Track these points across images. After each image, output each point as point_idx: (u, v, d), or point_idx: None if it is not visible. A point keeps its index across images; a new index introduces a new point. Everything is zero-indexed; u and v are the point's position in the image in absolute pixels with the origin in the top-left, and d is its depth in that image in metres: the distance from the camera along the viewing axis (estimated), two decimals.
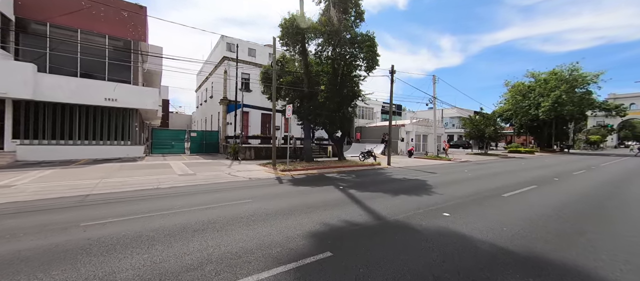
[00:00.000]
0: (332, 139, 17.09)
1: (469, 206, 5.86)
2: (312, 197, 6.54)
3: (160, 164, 13.16)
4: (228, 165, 13.42)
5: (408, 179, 10.09)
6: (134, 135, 17.08)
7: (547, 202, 6.47)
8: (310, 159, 15.55)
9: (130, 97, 15.98)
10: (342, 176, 10.76)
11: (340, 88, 14.35)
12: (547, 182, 9.84)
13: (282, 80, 15.81)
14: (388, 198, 6.48)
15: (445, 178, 10.33)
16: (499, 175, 11.77)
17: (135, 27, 16.94)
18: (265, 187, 7.93)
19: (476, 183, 9.11)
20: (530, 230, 4.37)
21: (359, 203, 5.94)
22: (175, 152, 19.17)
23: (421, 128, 30.62)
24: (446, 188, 8.01)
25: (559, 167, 15.80)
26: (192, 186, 7.95)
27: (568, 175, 12.20)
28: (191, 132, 20.55)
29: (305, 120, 15.86)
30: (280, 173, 11.16)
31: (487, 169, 14.29)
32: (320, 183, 8.73)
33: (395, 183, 9.18)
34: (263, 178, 9.89)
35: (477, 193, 7.39)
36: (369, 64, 13.43)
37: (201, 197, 6.42)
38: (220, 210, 5.25)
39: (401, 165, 16.27)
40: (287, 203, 5.92)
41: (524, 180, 10.21)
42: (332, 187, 8.00)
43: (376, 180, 9.70)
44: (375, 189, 7.75)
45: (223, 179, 9.32)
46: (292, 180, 9.58)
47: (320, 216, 4.91)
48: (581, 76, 37.64)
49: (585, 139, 56.49)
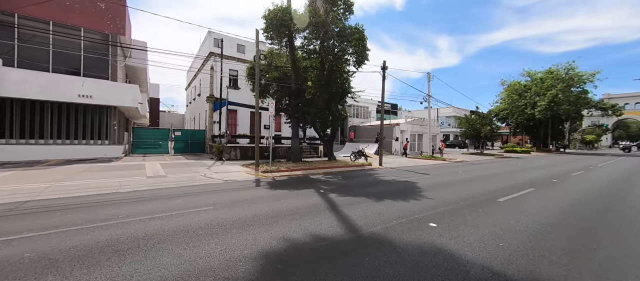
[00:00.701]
0: (321, 138, 16.34)
1: (460, 214, 5.14)
2: (285, 203, 5.77)
3: (135, 165, 12.30)
4: (208, 166, 12.60)
5: (397, 181, 9.36)
6: (112, 134, 16.16)
7: (547, 208, 5.77)
8: (298, 159, 14.77)
9: (107, 93, 15.07)
10: (328, 178, 10.01)
11: (329, 85, 13.59)
12: (545, 184, 9.18)
13: (268, 75, 15.02)
14: (370, 204, 5.74)
15: (437, 180, 9.62)
16: (494, 176, 11.11)
17: (113, 20, 16.02)
18: (237, 191, 7.15)
19: (470, 186, 8.41)
20: (532, 246, 3.65)
21: (335, 211, 5.19)
22: (158, 152, 18.29)
23: (416, 128, 30.00)
24: (437, 192, 7.30)
25: (556, 168, 15.21)
26: (156, 190, 7.14)
27: (566, 176, 11.57)
28: (175, 132, 19.65)
29: (293, 119, 15.09)
30: (261, 174, 10.38)
31: (483, 170, 13.64)
32: (301, 186, 7.97)
33: (382, 185, 8.45)
34: (240, 180, 9.11)
35: (471, 197, 6.68)
36: (358, 59, 12.69)
37: (157, 204, 5.62)
38: (168, 220, 4.47)
39: (393, 165, 15.57)
40: (253, 211, 5.15)
41: (520, 182, 9.55)
42: (312, 191, 7.24)
43: (363, 182, 8.97)
44: (359, 193, 7.01)
45: (196, 182, 8.52)
46: (272, 182, 8.80)
47: (285, 228, 4.15)
48: (577, 75, 37.32)
49: (580, 139, 56.42)
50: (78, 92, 14.17)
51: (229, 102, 20.78)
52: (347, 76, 14.28)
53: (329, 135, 16.24)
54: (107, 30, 15.85)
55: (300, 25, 11.95)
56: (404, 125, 28.58)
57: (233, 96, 21.04)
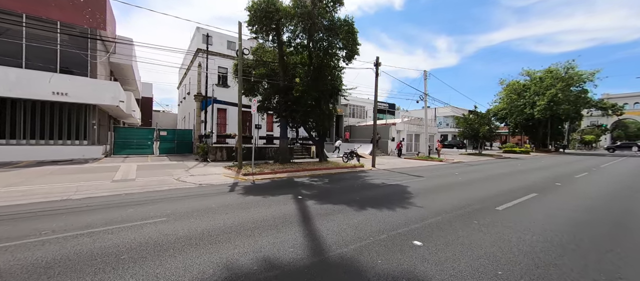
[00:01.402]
0: (311, 138, 15.57)
1: (451, 227, 4.38)
2: (252, 213, 5.00)
3: (109, 167, 11.49)
4: (189, 168, 11.82)
5: (387, 185, 8.60)
6: (91, 134, 15.34)
7: (554, 219, 5.02)
8: (286, 161, 14.00)
9: (85, 91, 14.24)
10: (313, 181, 9.24)
11: (318, 81, 12.81)
12: (549, 187, 8.44)
13: (255, 72, 14.24)
14: (349, 214, 4.97)
15: (431, 184, 8.87)
16: (493, 179, 10.36)
17: (92, 14, 15.16)
18: (205, 198, 6.37)
19: (466, 191, 7.66)
20: (539, 275, 2.89)
21: (306, 224, 4.42)
22: (143, 152, 17.46)
23: (413, 127, 29.28)
24: (428, 198, 6.54)
25: (558, 169, 14.50)
26: (113, 196, 6.35)
27: (570, 178, 10.84)
28: (161, 131, 18.83)
29: (281, 118, 14.32)
30: (241, 177, 9.60)
31: (481, 171, 12.90)
32: (279, 192, 7.20)
33: (370, 190, 7.68)
34: (216, 184, 8.33)
35: (466, 205, 5.92)
36: (348, 53, 11.92)
37: (102, 214, 4.84)
38: (99, 238, 3.69)
39: (387, 166, 14.82)
40: (210, 223, 4.38)
41: (521, 185, 8.80)
42: (290, 197, 6.47)
43: (349, 186, 8.20)
44: (341, 199, 6.24)
45: (165, 186, 7.73)
46: (250, 186, 8.03)
47: (235, 249, 3.38)
48: (577, 74, 36.70)
49: (579, 139, 55.87)
50: (52, 89, 13.35)
51: (218, 101, 20.01)
52: (338, 73, 13.52)
53: (320, 135, 15.47)
54: (85, 25, 15.00)
55: (286, 17, 11.17)
56: (400, 124, 27.84)
57: (222, 94, 20.26)
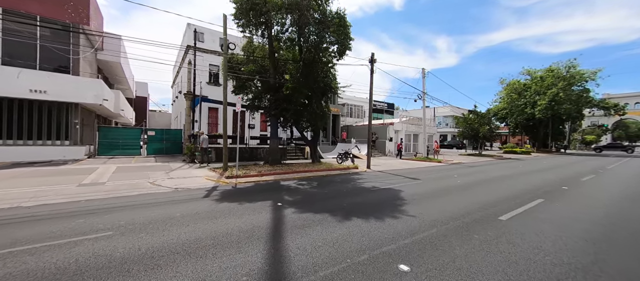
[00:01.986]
0: (304, 138, 14.90)
1: (447, 244, 3.71)
2: (217, 225, 4.33)
3: (85, 169, 10.81)
4: (170, 170, 11.15)
5: (379, 189, 7.92)
6: (73, 134, 14.66)
7: (568, 232, 4.34)
8: (277, 162, 13.32)
9: (65, 89, 13.55)
10: (299, 185, 8.57)
11: (309, 79, 12.14)
12: (555, 192, 7.76)
13: (244, 69, 13.58)
14: (330, 227, 4.30)
15: (427, 188, 8.19)
16: (494, 182, 9.69)
17: (75, 8, 14.49)
18: (174, 205, 5.69)
19: (465, 196, 6.99)
20: None
21: (275, 240, 3.75)
22: (129, 153, 16.76)
23: (412, 127, 28.61)
24: (423, 205, 5.86)
25: (562, 171, 13.83)
26: (71, 203, 5.68)
27: (576, 181, 10.17)
28: (149, 131, 18.14)
29: (271, 117, 13.65)
30: (223, 180, 8.92)
31: (481, 173, 12.23)
32: (260, 197, 6.52)
33: (359, 195, 7.00)
34: (194, 188, 7.65)
35: (465, 213, 5.25)
36: (340, 48, 11.24)
37: (45, 226, 4.16)
38: (13, 260, 3.02)
39: (383, 168, 14.14)
40: (160, 240, 3.70)
41: (525, 188, 8.13)
42: (269, 204, 5.80)
43: (337, 191, 7.52)
44: (325, 207, 5.57)
45: (135, 191, 7.05)
46: (230, 191, 7.36)
47: (174, 279, 2.71)
48: (579, 73, 36.04)
49: (580, 139, 55.26)
50: (29, 86, 12.67)
51: (209, 99, 19.33)
52: (330, 69, 12.84)
53: (313, 135, 14.81)
54: (67, 19, 14.32)
55: (273, 9, 10.49)
56: (398, 124, 27.17)
57: (214, 93, 19.57)
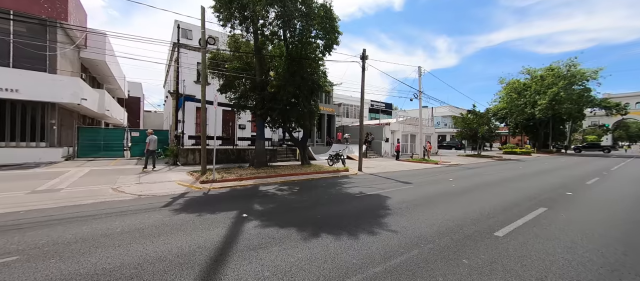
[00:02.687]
0: (292, 139, 14.17)
1: (429, 272, 2.98)
2: (155, 246, 3.60)
3: (54, 173, 10.08)
4: (143, 174, 10.42)
5: (364, 196, 7.19)
6: (50, 135, 13.93)
7: (580, 256, 3.61)
8: (262, 164, 12.57)
9: (39, 87, 12.81)
10: (279, 190, 7.83)
11: (296, 76, 11.41)
12: (559, 199, 7.03)
13: (228, 66, 12.86)
14: (291, 247, 3.57)
15: (418, 193, 7.45)
16: (491, 186, 8.95)
17: (51, 2, 13.79)
18: (124, 216, 4.96)
19: (458, 203, 6.25)
20: None
21: (215, 267, 3.02)
22: (111, 155, 16.01)
23: (409, 128, 27.89)
24: (409, 216, 5.13)
25: (564, 172, 13.10)
26: (5, 215, 4.95)
27: (581, 185, 9.44)
28: (132, 132, 17.41)
29: (257, 116, 12.92)
30: (196, 186, 8.19)
31: (478, 176, 11.49)
32: (227, 206, 5.80)
33: (340, 203, 6.27)
34: (161, 195, 6.92)
35: (455, 227, 4.52)
36: (326, 42, 10.51)
37: None
38: None
39: (375, 170, 13.41)
40: (73, 268, 2.98)
41: (525, 194, 7.40)
42: (232, 215, 5.07)
43: (317, 199, 6.78)
44: (295, 219, 4.84)
45: (93, 199, 6.31)
46: (198, 198, 6.63)
47: None
48: (580, 72, 35.33)
49: (581, 139, 54.53)
50: None
51: (195, 99, 18.61)
52: (318, 66, 12.11)
53: (302, 136, 14.08)
54: (43, 14, 13.62)
55: (254, 1, 9.76)
56: (395, 124, 26.45)
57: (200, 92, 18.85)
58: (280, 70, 11.54)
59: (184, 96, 15.88)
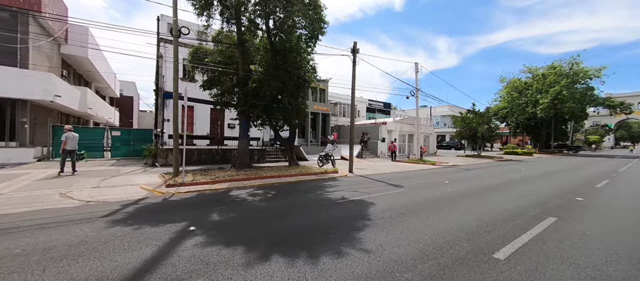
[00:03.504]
0: (278, 138, 13.29)
1: None
2: (47, 275, 2.73)
3: (10, 175, 9.20)
4: (110, 176, 9.55)
5: (346, 202, 6.30)
6: (21, 134, 13.09)
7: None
8: (245, 165, 11.69)
9: (4, 82, 11.97)
10: (252, 195, 6.96)
11: (280, 70, 10.55)
12: (569, 206, 6.14)
13: (208, 59, 12.01)
14: (224, 278, 2.69)
15: (407, 199, 6.56)
16: (491, 190, 8.06)
17: None
18: (49, 229, 4.09)
19: (452, 212, 5.37)
20: None
21: None
22: (89, 156, 15.12)
23: (406, 127, 26.97)
24: (391, 229, 4.25)
25: (570, 174, 12.20)
26: None
27: (590, 188, 8.55)
28: (113, 131, 16.55)
29: (240, 114, 12.07)
30: (160, 190, 7.31)
31: (477, 179, 10.60)
32: (176, 217, 4.93)
33: (315, 212, 5.38)
34: (113, 201, 6.05)
35: (444, 245, 3.64)
36: (311, 30, 9.64)
37: None
38: None
39: (368, 172, 12.52)
40: None
41: (530, 200, 6.51)
42: (177, 230, 4.20)
43: (290, 206, 5.90)
44: (252, 234, 3.97)
45: (30, 206, 5.44)
46: (154, 205, 5.77)
47: None
48: (582, 70, 34.39)
49: (583, 139, 53.53)
50: None
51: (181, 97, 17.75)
52: (304, 59, 11.24)
53: (289, 135, 13.21)
54: (13, 5, 12.79)
55: None
56: (392, 124, 25.56)
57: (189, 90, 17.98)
58: (262, 63, 10.68)
59: (163, 92, 15.00)
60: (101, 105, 23.58)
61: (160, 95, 18.18)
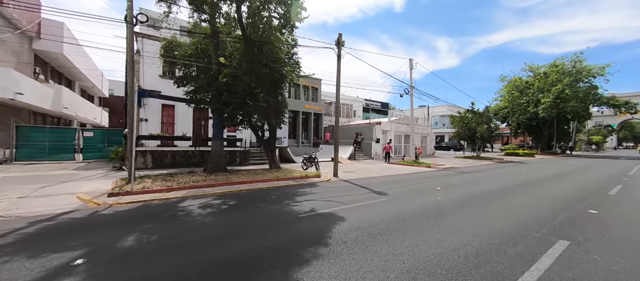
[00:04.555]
0: (258, 139, 12.22)
1: None
2: None
3: None
4: (59, 183, 8.49)
5: (313, 215, 5.21)
6: None
7: None
8: (218, 169, 10.61)
9: None
10: (203, 207, 5.88)
11: (254, 63, 9.48)
12: (583, 222, 5.04)
13: (177, 52, 10.95)
14: None
15: (386, 212, 5.47)
16: (488, 199, 6.96)
17: None
18: None
19: (435, 233, 4.28)
20: None
21: None
22: (58, 158, 14.09)
23: (402, 127, 25.86)
24: (353, 259, 3.16)
25: (576, 178, 11.08)
26: None
27: (603, 196, 7.44)
28: (85, 132, 15.50)
29: (214, 112, 11.01)
30: (98, 200, 6.23)
31: (473, 184, 9.49)
32: (80, 243, 3.87)
33: (267, 231, 4.29)
34: (28, 216, 5.00)
35: None
36: (285, 15, 8.57)
37: None
38: None
39: (354, 175, 11.44)
40: None
41: (534, 215, 5.41)
42: (57, 265, 3.13)
43: (242, 222, 4.82)
44: (155, 272, 2.90)
45: None
46: (73, 222, 4.72)
47: None
48: (586, 69, 33.20)
49: (586, 140, 52.23)
50: None
51: (160, 95, 16.73)
52: (282, 52, 10.17)
53: (268, 136, 12.14)
54: None
55: None
56: (387, 124, 24.46)
57: (168, 88, 16.95)
58: (237, 57, 9.62)
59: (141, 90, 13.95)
60: (83, 105, 22.54)
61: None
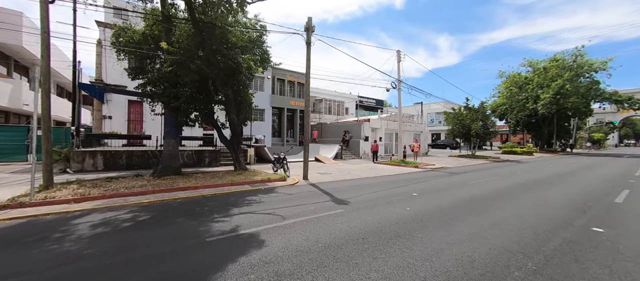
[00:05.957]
0: (221, 139, 10.92)
1: None
2: None
3: None
4: None
5: (231, 237, 3.92)
6: None
7: None
8: (169, 171, 9.31)
9: None
10: (104, 223, 4.61)
11: (206, 50, 8.18)
12: (585, 248, 3.75)
13: (122, 39, 9.65)
14: None
15: (331, 230, 4.19)
16: (469, 210, 5.68)
17: None
18: None
19: (378, 267, 3.00)
20: None
21: None
22: (8, 159, 12.83)
23: (393, 125, 24.51)
24: None
25: (576, 181, 9.78)
26: None
27: (608, 205, 6.16)
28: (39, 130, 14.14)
29: (166, 108, 9.72)
30: None
31: (458, 188, 8.20)
32: None
33: (164, 256, 3.01)
34: None
35: None
36: None
37: None
38: None
39: (326, 178, 10.16)
40: None
41: (521, 236, 4.13)
42: None
43: (135, 247, 3.54)
44: None
45: None
46: None
47: None
48: (587, 63, 31.83)
49: (587, 137, 50.85)
50: None
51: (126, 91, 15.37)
52: (239, 39, 8.85)
53: (231, 135, 10.85)
54: None
55: None
56: (377, 121, 23.13)
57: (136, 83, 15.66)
58: (184, 42, 8.33)
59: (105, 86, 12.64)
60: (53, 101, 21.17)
61: (78, 87, 15.67)
